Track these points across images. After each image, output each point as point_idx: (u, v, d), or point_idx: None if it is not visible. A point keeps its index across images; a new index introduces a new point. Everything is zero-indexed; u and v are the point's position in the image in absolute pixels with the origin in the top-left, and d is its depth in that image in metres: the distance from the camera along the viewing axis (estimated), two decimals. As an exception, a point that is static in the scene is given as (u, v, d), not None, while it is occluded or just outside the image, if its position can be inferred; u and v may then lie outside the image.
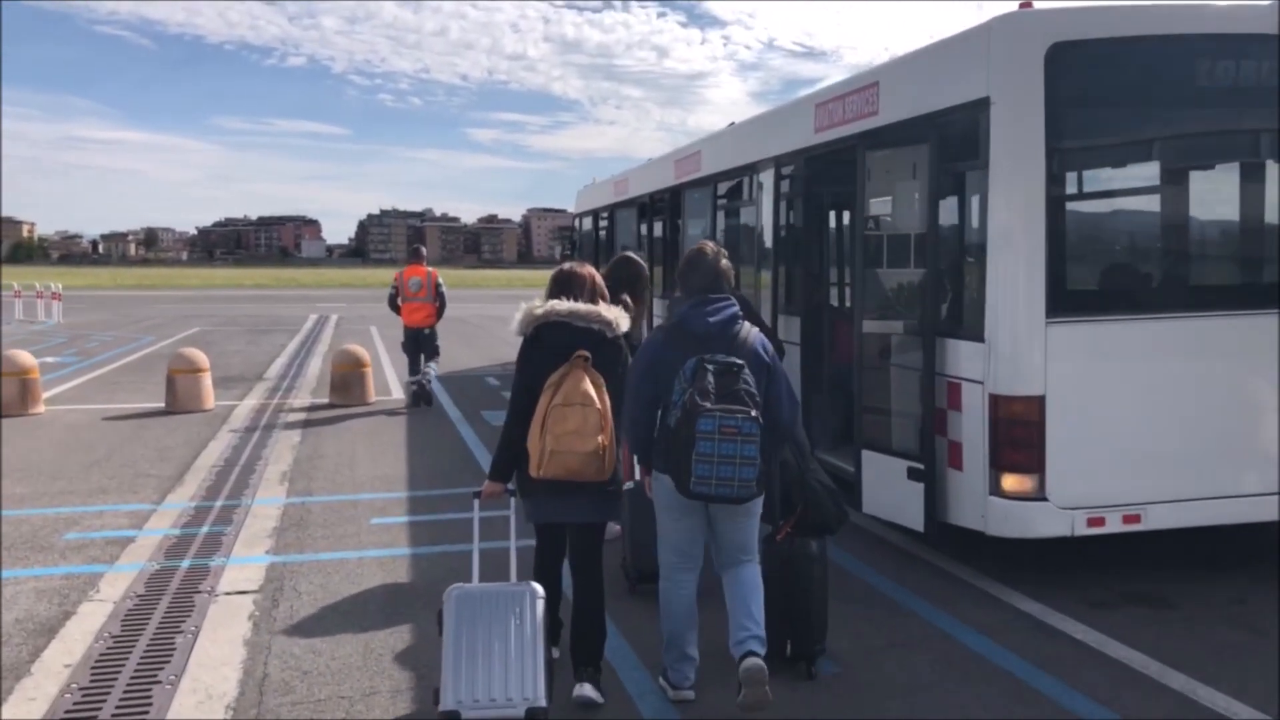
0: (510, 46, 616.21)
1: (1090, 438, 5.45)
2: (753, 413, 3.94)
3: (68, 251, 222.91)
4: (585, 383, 4.07)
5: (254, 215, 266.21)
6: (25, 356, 12.09)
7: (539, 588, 3.99)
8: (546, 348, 4.19)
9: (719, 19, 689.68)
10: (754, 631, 4.13)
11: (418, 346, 12.66)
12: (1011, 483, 5.45)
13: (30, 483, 8.34)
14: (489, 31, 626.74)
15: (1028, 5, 5.52)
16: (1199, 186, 6.05)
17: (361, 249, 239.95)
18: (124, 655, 4.77)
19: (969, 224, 6.05)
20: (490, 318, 30.17)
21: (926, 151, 6.03)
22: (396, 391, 13.92)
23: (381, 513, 7.47)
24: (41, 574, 6.01)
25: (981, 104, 5.52)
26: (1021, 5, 5.52)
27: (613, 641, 4.75)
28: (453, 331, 20.92)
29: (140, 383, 14.72)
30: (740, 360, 4.07)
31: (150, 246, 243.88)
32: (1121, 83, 5.61)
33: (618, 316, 4.32)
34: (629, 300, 5.61)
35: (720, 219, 10.22)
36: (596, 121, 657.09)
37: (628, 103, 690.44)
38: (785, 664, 4.56)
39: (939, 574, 5.99)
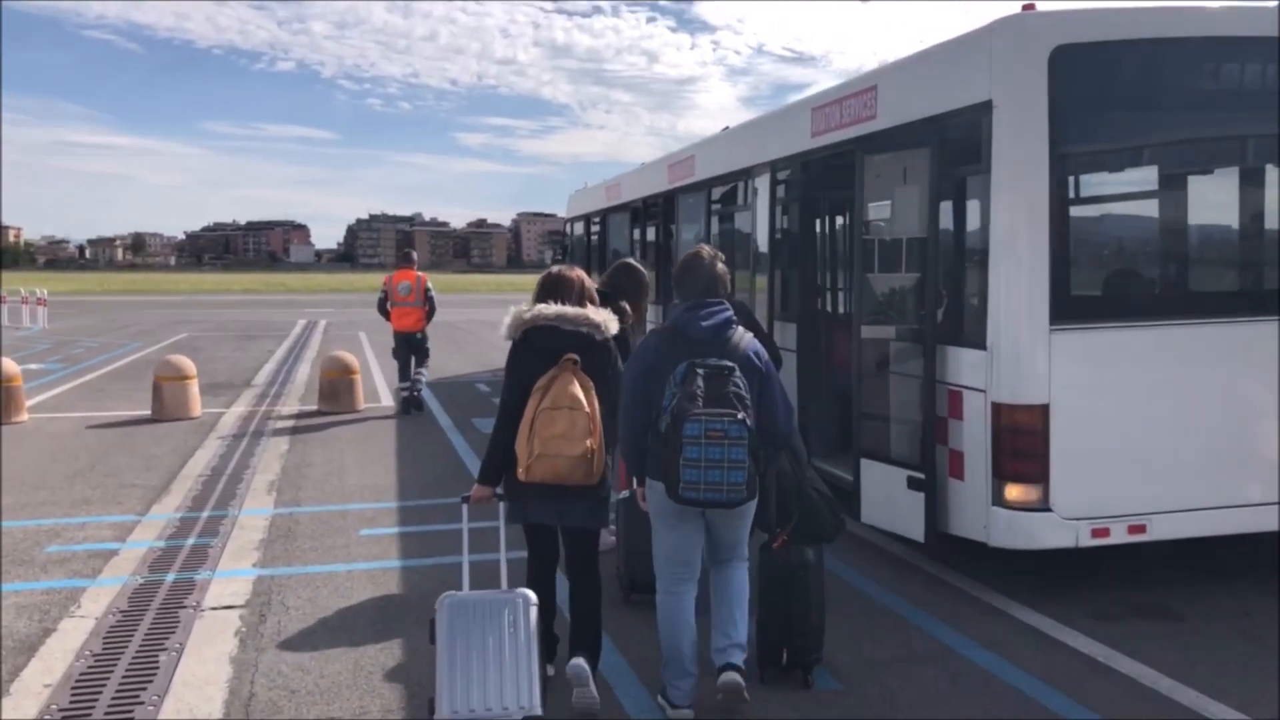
0: (500, 51, 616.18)
1: (1094, 447, 5.35)
2: (739, 415, 3.87)
3: (54, 256, 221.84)
4: (574, 386, 4.04)
5: (243, 220, 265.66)
6: (8, 364, 11.90)
7: (532, 594, 3.98)
8: (535, 351, 4.16)
9: (709, 24, 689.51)
10: (735, 640, 4.18)
11: (409, 351, 12.52)
12: (1015, 493, 5.35)
13: (12, 493, 8.17)
14: (479, 36, 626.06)
15: (1030, 7, 5.43)
16: (1204, 191, 5.98)
17: (350, 254, 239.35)
18: (106, 674, 4.63)
19: (970, 229, 5.95)
20: (480, 322, 30.03)
21: (927, 155, 5.93)
22: (386, 398, 13.79)
23: (371, 523, 7.34)
24: (22, 589, 5.86)
25: (984, 107, 5.43)
26: (1024, 7, 5.43)
27: (609, 658, 4.65)
28: (442, 336, 20.77)
29: (126, 390, 14.54)
30: (731, 363, 4.01)
31: (138, 252, 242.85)
32: (1126, 86, 5.54)
33: (606, 319, 4.28)
34: (626, 307, 5.52)
35: (715, 224, 10.13)
36: (586, 126, 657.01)
37: (617, 107, 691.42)
38: (781, 673, 4.50)
39: (940, 585, 5.90)
